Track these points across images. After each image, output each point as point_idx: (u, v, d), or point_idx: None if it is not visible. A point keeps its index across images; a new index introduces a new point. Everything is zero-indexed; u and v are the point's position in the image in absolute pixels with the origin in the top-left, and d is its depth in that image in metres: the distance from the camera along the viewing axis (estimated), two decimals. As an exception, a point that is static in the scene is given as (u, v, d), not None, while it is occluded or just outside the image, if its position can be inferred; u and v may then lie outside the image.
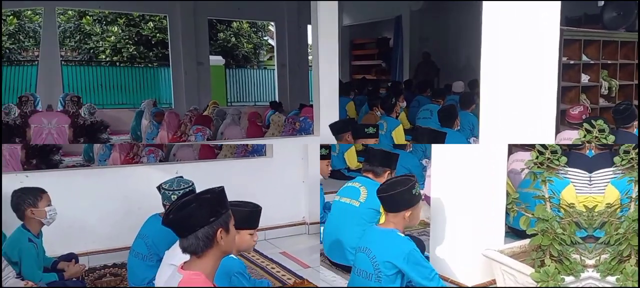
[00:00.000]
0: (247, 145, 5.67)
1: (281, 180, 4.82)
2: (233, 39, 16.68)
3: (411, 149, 5.92)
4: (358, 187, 3.68)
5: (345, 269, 3.64)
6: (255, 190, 4.02)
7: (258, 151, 5.41)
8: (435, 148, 3.67)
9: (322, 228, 4.15)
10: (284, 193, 4.81)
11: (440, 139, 4.86)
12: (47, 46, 9.97)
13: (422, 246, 3.43)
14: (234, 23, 16.22)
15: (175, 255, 2.56)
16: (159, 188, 3.25)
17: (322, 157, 4.38)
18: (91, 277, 3.73)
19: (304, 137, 5.81)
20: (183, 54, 11.06)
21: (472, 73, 9.48)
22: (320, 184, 4.53)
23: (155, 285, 2.86)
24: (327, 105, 4.84)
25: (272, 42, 13.59)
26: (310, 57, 13.56)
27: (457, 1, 10.69)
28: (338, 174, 5.83)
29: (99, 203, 4.15)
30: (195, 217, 1.89)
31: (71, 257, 3.56)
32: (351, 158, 6.12)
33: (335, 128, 4.79)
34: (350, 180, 3.90)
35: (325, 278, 3.73)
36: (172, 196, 3.17)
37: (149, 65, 14.86)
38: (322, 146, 4.45)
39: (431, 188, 3.75)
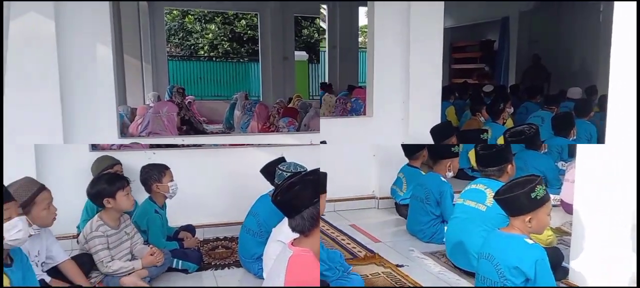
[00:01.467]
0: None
1: (351, 152, 4.80)
2: (316, 35, 17.27)
3: (546, 150, 5.30)
4: (483, 190, 3.36)
5: (469, 274, 3.34)
6: (325, 158, 4.02)
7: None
8: (581, 149, 3.22)
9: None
10: (353, 166, 4.81)
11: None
12: (156, 43, 11.21)
13: (558, 256, 3.13)
14: (317, 20, 16.82)
15: (282, 232, 2.79)
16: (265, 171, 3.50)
17: (452, 155, 4.12)
18: (205, 248, 3.89)
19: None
20: (271, 49, 11.71)
21: (587, 78, 8.95)
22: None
23: (264, 259, 2.97)
24: (429, 108, 4.70)
25: (324, 25, 13.57)
26: (360, 39, 13.55)
27: (573, 1, 9.60)
28: (460, 173, 5.48)
29: (214, 180, 4.37)
30: (300, 198, 1.96)
31: (189, 229, 3.91)
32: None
33: (438, 132, 4.50)
34: (473, 181, 3.58)
35: (430, 269, 3.51)
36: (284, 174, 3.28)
37: (241, 60, 15.91)
38: (451, 144, 4.23)
39: (571, 193, 3.35)
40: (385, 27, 4.73)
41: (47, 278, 2.76)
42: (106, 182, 3.10)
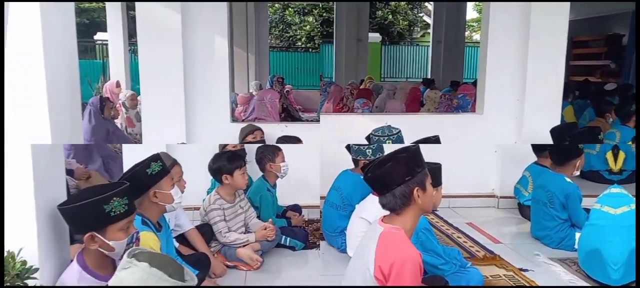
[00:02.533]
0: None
1: (476, 145, 4.54)
2: (390, 17, 16.97)
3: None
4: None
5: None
6: (450, 149, 3.89)
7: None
8: None
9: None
10: (470, 162, 4.55)
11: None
12: (260, 35, 11.49)
13: None
14: (392, 1, 16.52)
15: (365, 209, 2.89)
16: (349, 147, 3.52)
17: (580, 153, 3.77)
18: (310, 228, 3.90)
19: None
20: (345, 32, 11.63)
21: None
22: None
23: (347, 235, 2.99)
24: (547, 108, 4.35)
25: (427, 19, 13.26)
26: (466, 33, 13.00)
27: None
28: (595, 176, 5.10)
29: (320, 153, 4.36)
30: (391, 175, 1.86)
31: (296, 208, 4.00)
32: (618, 160, 5.13)
33: (562, 134, 4.17)
34: (612, 185, 3.24)
35: (560, 277, 3.17)
36: (367, 150, 3.28)
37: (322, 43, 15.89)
38: (576, 142, 3.83)
39: None
40: (502, 22, 4.46)
41: (175, 244, 3.01)
42: (227, 160, 3.23)
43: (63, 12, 2.03)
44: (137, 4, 4.10)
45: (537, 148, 4.25)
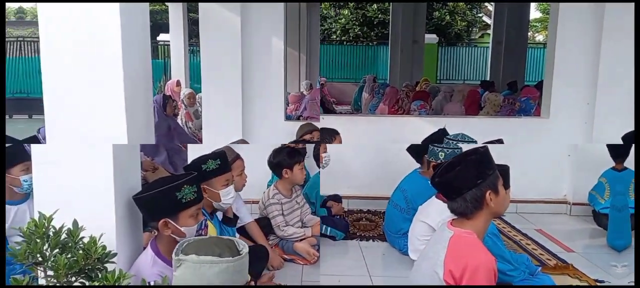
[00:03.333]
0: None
1: (545, 150, 4.37)
2: (447, 17, 16.61)
3: None
4: None
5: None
6: (518, 153, 3.84)
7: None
8: None
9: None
10: (539, 167, 4.36)
11: None
12: (312, 34, 11.66)
13: None
14: (450, 2, 16.19)
15: (428, 214, 2.85)
16: (411, 148, 3.53)
17: None
18: (350, 218, 4.01)
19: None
20: (401, 32, 11.52)
21: None
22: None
23: (409, 237, 3.00)
24: (621, 113, 4.13)
25: (487, 20, 12.84)
26: (529, 33, 12.42)
27: None
28: None
29: (361, 151, 4.49)
30: (461, 179, 1.82)
31: (337, 198, 4.10)
32: None
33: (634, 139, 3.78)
34: None
35: None
36: (440, 153, 3.27)
37: (370, 43, 16.00)
38: None
39: None
40: (572, 22, 4.27)
41: (236, 236, 3.09)
42: (287, 155, 3.31)
43: (140, 12, 2.12)
44: (200, 6, 4.30)
45: (615, 151, 3.99)
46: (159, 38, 13.49)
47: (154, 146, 4.88)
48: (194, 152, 2.62)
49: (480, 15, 18.19)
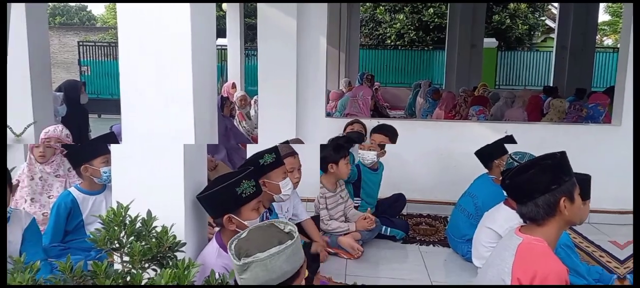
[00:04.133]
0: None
1: (617, 158, 4.15)
2: (508, 21, 16.02)
3: None
4: None
5: None
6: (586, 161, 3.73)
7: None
8: None
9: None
10: (613, 174, 4.12)
11: None
12: (351, 34, 11.77)
13: None
14: (511, 4, 15.61)
15: (495, 221, 2.76)
16: (479, 153, 3.39)
17: None
18: (410, 222, 3.93)
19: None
20: (459, 37, 11.27)
21: None
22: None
23: (474, 244, 2.90)
24: None
25: (550, 23, 12.23)
26: (598, 37, 11.72)
27: None
28: None
29: (422, 155, 4.52)
30: (534, 183, 1.75)
31: (401, 198, 4.03)
32: None
33: None
34: None
35: None
36: (514, 163, 3.07)
37: (425, 48, 15.78)
38: None
39: None
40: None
41: None
42: (333, 149, 3.33)
43: (207, 17, 2.18)
44: (259, 9, 4.46)
45: None
46: (216, 42, 13.97)
47: (214, 145, 5.08)
48: (251, 150, 2.70)
49: (543, 18, 17.39)
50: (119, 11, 1.99)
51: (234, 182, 1.98)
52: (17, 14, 4.51)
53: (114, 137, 2.88)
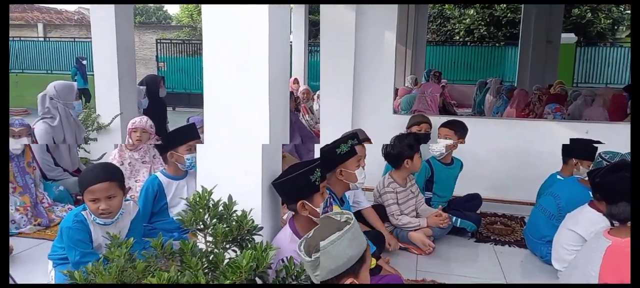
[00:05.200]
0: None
1: None
2: (588, 15, 14.97)
3: None
4: None
5: None
6: None
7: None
8: None
9: None
10: None
11: None
12: (418, 30, 11.59)
13: None
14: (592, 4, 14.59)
15: (578, 223, 2.59)
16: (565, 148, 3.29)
17: None
18: (484, 222, 3.77)
19: None
20: (533, 32, 10.71)
21: None
22: None
23: (554, 246, 2.78)
24: None
25: None
26: None
27: None
28: None
29: (495, 153, 4.44)
30: (626, 182, 1.68)
31: (476, 197, 3.89)
32: None
33: None
34: None
35: None
36: (603, 163, 2.95)
37: (496, 44, 15.14)
38: None
39: None
40: None
41: None
42: (408, 146, 3.29)
43: (281, 17, 2.21)
44: (321, 6, 4.56)
45: None
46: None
47: (283, 135, 5.27)
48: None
49: (628, 12, 16.07)
50: (203, 12, 2.10)
51: (308, 169, 2.07)
52: (106, 14, 4.91)
53: (194, 128, 3.07)
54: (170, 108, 12.52)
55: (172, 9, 31.60)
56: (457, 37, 16.26)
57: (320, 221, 1.59)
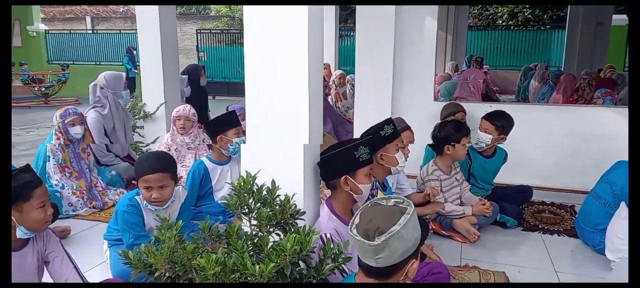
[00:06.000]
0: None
1: None
2: (643, -6, 14.10)
3: None
4: None
5: None
6: None
7: None
8: None
9: None
10: None
11: None
12: (459, 16, 11.31)
13: None
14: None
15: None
16: None
17: None
18: (531, 210, 3.73)
19: None
20: (582, 14, 10.21)
21: None
22: None
23: (607, 235, 2.71)
24: None
25: None
26: None
27: None
28: None
29: (544, 140, 4.33)
30: None
31: (526, 189, 3.77)
32: None
33: None
34: None
35: None
36: None
37: (542, 27, 14.54)
38: None
39: None
40: None
41: None
42: (454, 129, 3.23)
43: (318, 15, 2.24)
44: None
45: None
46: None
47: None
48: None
49: (689, -11, 15.02)
50: (245, 12, 2.14)
51: (353, 146, 2.12)
52: (149, 7, 5.06)
53: (235, 115, 3.16)
54: (210, 97, 12.87)
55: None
56: (500, 21, 15.69)
57: (370, 207, 1.60)
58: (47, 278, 2.05)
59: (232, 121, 3.10)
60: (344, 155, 2.12)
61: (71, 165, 3.62)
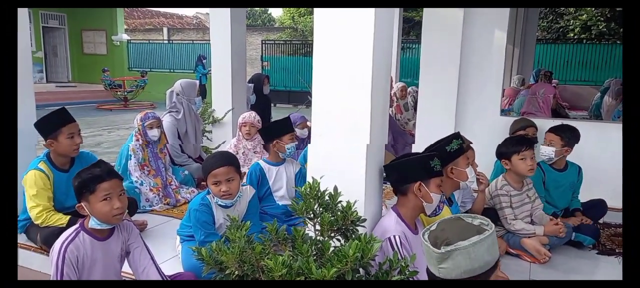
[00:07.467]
0: None
1: None
2: None
3: None
4: None
5: None
6: None
7: None
8: None
9: None
10: None
11: None
12: (527, 28, 10.86)
13: None
14: None
15: None
16: None
17: None
18: (607, 232, 3.54)
19: None
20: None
21: None
22: None
23: None
24: None
25: None
26: None
27: None
28: None
29: (619, 159, 4.11)
30: None
31: (601, 203, 3.61)
32: None
33: None
34: None
35: None
36: None
37: (617, 41, 13.58)
38: None
39: None
40: None
41: None
42: (507, 143, 3.17)
43: (387, 20, 2.24)
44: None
45: None
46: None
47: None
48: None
49: None
50: (315, 15, 2.20)
51: (428, 155, 2.18)
52: (223, 20, 5.31)
53: (290, 121, 3.31)
54: (272, 105, 13.25)
55: (276, 12, 33.12)
56: (572, 34, 14.81)
57: (451, 219, 1.59)
58: (126, 268, 2.20)
59: (287, 127, 3.24)
60: (420, 162, 2.17)
61: (149, 164, 3.88)
